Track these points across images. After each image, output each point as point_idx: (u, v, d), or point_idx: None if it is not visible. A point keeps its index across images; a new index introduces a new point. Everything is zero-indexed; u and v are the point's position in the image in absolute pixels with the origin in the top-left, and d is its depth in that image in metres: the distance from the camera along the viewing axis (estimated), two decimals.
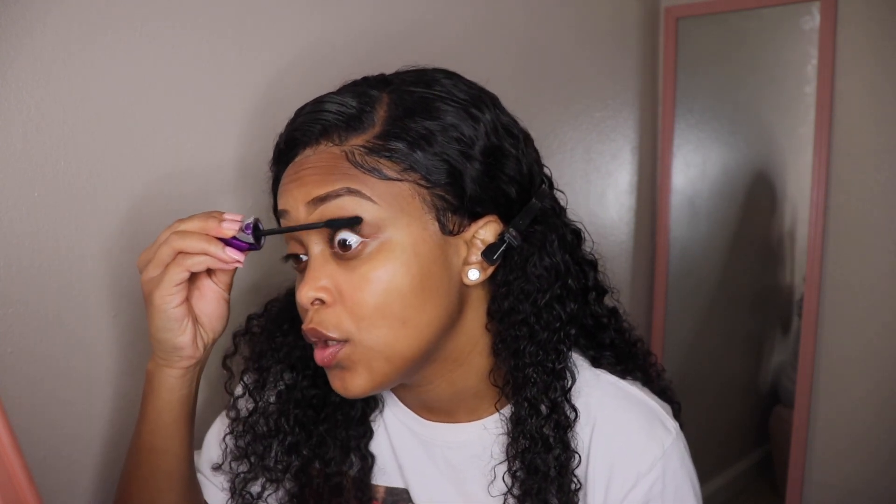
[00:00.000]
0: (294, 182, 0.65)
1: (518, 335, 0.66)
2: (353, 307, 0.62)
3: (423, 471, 0.75)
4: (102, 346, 0.84)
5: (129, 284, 0.86)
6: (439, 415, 0.74)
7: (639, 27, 1.73)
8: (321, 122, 0.65)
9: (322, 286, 0.62)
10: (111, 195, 0.83)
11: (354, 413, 0.76)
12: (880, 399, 1.56)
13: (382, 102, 0.65)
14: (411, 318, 0.62)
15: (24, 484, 0.59)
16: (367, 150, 0.62)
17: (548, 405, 0.66)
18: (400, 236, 0.62)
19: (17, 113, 0.74)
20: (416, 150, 0.62)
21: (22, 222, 0.76)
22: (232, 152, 0.94)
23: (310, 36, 1.01)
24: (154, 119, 0.86)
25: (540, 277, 0.66)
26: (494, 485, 0.70)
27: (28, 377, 0.78)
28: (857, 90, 1.54)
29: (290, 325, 0.75)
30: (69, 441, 0.83)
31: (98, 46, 0.80)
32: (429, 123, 0.63)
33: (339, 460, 0.75)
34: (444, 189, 0.63)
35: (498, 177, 0.65)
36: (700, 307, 1.89)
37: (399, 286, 0.61)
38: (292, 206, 0.65)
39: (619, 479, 0.67)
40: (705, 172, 1.84)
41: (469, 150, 0.63)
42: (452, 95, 0.65)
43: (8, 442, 0.60)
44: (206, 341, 0.68)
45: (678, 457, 0.68)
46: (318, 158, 0.64)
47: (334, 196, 0.62)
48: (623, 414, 0.69)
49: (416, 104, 0.64)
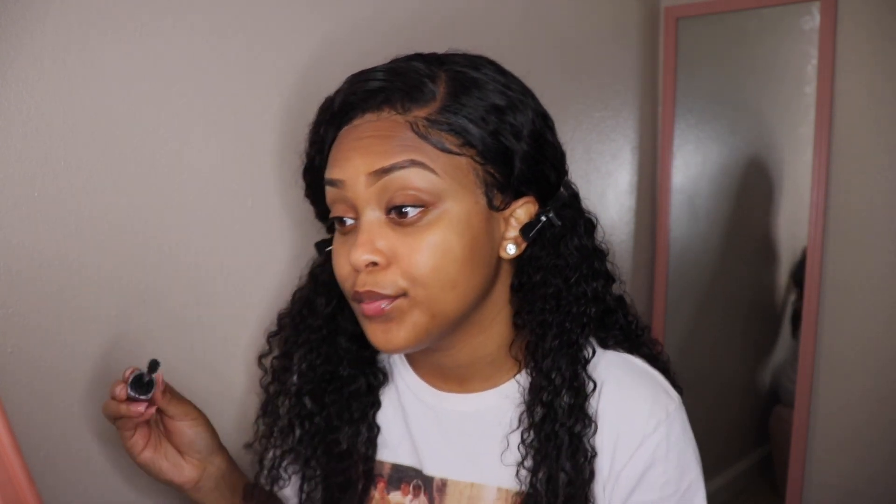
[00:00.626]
0: (355, 150, 0.66)
1: (546, 308, 0.70)
2: (408, 268, 0.65)
3: (436, 441, 0.77)
4: (102, 346, 0.84)
5: (129, 284, 0.86)
6: (452, 384, 0.77)
7: (639, 27, 1.73)
8: (385, 90, 0.66)
9: (378, 249, 0.65)
10: (111, 195, 0.83)
11: (360, 386, 0.79)
12: (880, 399, 1.56)
13: (441, 79, 0.67)
14: (460, 282, 0.66)
15: (24, 484, 0.59)
16: (429, 122, 0.65)
17: (567, 376, 0.70)
18: (456, 207, 0.65)
19: (17, 113, 0.74)
20: (475, 127, 0.65)
21: (22, 222, 0.76)
22: (231, 152, 0.94)
23: (308, 36, 1.01)
24: (154, 119, 0.86)
25: (570, 256, 0.71)
26: (507, 453, 0.73)
27: (28, 377, 0.78)
28: (857, 90, 1.54)
29: (308, 309, 0.79)
30: (69, 441, 0.83)
31: (98, 46, 0.80)
32: (485, 104, 0.66)
33: (348, 430, 0.78)
34: (495, 167, 0.67)
35: (541, 160, 0.70)
36: (700, 307, 1.89)
37: (454, 252, 0.65)
38: (351, 175, 0.66)
39: (625, 442, 0.71)
40: (705, 172, 1.84)
41: (519, 132, 0.67)
42: (502, 81, 0.69)
43: (8, 442, 0.60)
44: (195, 463, 0.77)
45: (681, 424, 0.72)
46: (382, 125, 0.65)
47: (399, 167, 0.64)
48: (628, 382, 0.73)
49: (472, 84, 0.67)
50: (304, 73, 1.00)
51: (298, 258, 1.04)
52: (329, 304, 0.78)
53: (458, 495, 0.75)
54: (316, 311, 0.78)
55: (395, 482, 0.78)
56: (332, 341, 0.78)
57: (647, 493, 0.71)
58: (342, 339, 0.79)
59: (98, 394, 0.84)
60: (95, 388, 0.84)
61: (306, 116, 1.00)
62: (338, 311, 0.78)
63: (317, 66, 1.01)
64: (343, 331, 0.79)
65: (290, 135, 0.99)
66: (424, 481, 0.77)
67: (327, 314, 0.78)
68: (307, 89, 1.00)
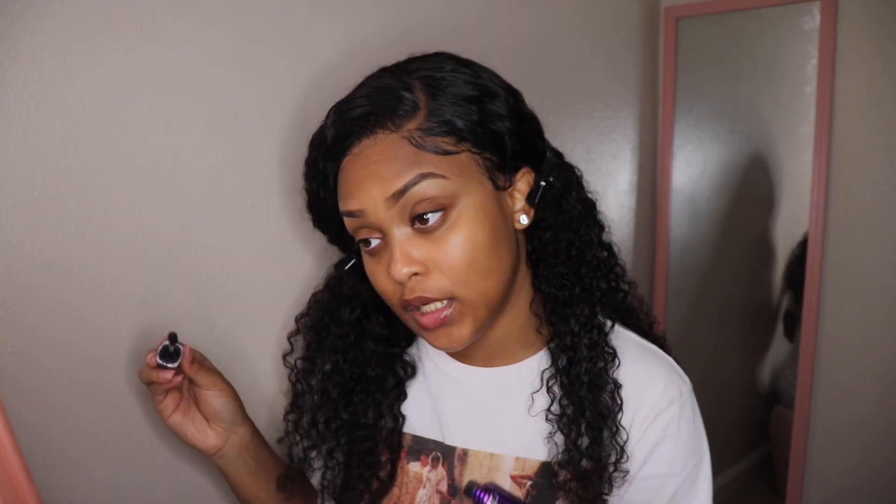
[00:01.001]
0: (367, 179, 0.68)
1: (559, 260, 0.75)
2: (448, 270, 0.69)
3: (459, 413, 0.80)
4: (102, 346, 0.84)
5: (129, 284, 0.86)
6: (479, 360, 0.80)
7: (639, 27, 1.73)
8: (373, 113, 0.68)
9: (415, 260, 0.69)
10: (111, 195, 0.83)
11: (388, 384, 0.83)
12: (880, 399, 1.56)
13: (417, 87, 0.69)
14: (495, 266, 0.70)
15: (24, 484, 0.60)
16: (422, 131, 0.68)
17: (583, 319, 0.74)
18: (471, 201, 0.69)
19: (17, 113, 0.74)
20: (462, 122, 0.69)
21: (22, 222, 0.76)
22: (231, 152, 0.94)
23: (308, 36, 1.01)
24: (154, 119, 0.86)
25: (574, 209, 0.76)
26: (529, 424, 0.77)
27: (28, 377, 0.78)
28: (857, 90, 1.54)
29: (330, 318, 0.83)
30: (69, 441, 0.83)
31: (98, 46, 0.80)
32: (463, 98, 0.69)
33: (374, 422, 0.82)
34: (490, 152, 0.70)
35: (526, 133, 0.74)
36: (700, 306, 1.89)
37: (481, 242, 0.69)
38: (369, 204, 0.68)
39: (640, 416, 0.74)
40: (705, 172, 1.84)
41: (500, 114, 0.71)
42: (468, 72, 0.71)
43: (8, 442, 0.60)
44: (220, 432, 0.81)
45: (692, 407, 0.76)
46: (383, 148, 0.68)
47: (412, 185, 0.67)
48: (644, 362, 0.77)
49: (445, 84, 0.70)
50: (304, 72, 1.00)
51: (298, 258, 1.04)
52: (353, 312, 0.82)
53: (478, 465, 0.78)
54: (340, 320, 0.82)
55: (416, 453, 0.82)
56: (358, 346, 0.82)
57: (657, 468, 0.74)
58: (369, 342, 0.82)
59: (98, 394, 0.85)
60: (95, 389, 0.84)
61: (306, 116, 1.00)
62: (363, 318, 0.82)
63: (317, 66, 1.01)
64: (370, 334, 0.82)
65: (290, 135, 0.99)
66: (445, 452, 0.80)
67: (353, 320, 0.82)
68: (307, 89, 1.00)
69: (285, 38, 0.98)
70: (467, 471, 0.78)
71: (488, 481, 0.77)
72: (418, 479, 0.81)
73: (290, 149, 0.99)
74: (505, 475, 0.77)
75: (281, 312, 1.02)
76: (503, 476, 0.77)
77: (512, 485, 0.76)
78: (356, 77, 0.74)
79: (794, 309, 1.72)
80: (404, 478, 0.81)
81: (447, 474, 0.79)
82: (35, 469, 0.63)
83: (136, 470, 0.89)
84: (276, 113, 0.98)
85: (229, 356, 0.98)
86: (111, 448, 0.86)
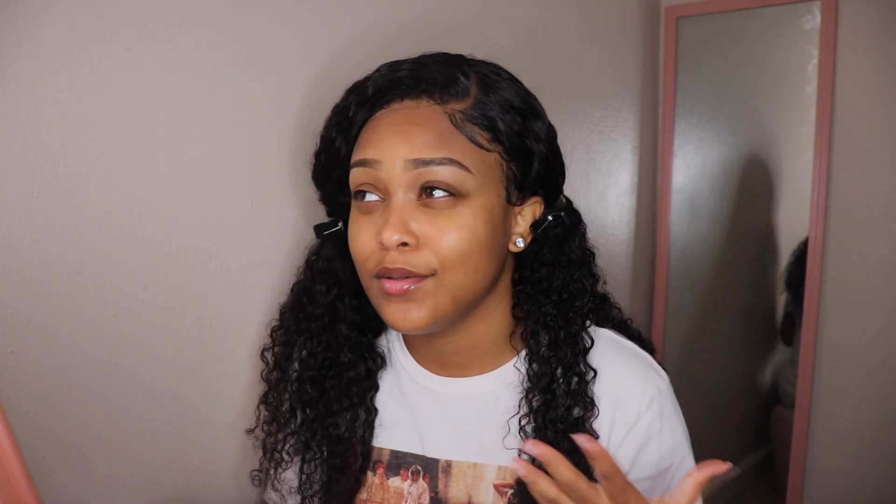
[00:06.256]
0: (396, 134, 0.68)
1: (549, 300, 0.75)
2: (439, 249, 0.68)
3: (438, 424, 0.79)
4: (101, 346, 0.84)
5: (129, 284, 0.86)
6: (451, 369, 0.79)
7: (639, 27, 1.73)
8: (424, 80, 0.69)
9: (410, 231, 0.68)
10: (111, 195, 0.83)
11: (359, 371, 0.81)
12: (880, 399, 1.56)
13: (472, 78, 0.71)
14: (481, 267, 0.70)
15: (23, 484, 0.59)
16: (465, 115, 0.69)
17: (568, 364, 0.73)
18: (483, 198, 0.69)
19: (17, 113, 0.74)
20: (503, 125, 0.70)
21: (22, 222, 0.76)
22: (231, 152, 0.94)
23: (308, 36, 1.01)
24: (154, 119, 0.86)
25: (573, 253, 0.77)
26: (509, 437, 0.75)
27: (27, 377, 0.78)
28: (858, 90, 1.54)
29: (307, 297, 0.82)
30: (69, 441, 0.83)
31: (98, 46, 0.80)
32: (510, 105, 0.71)
33: (347, 414, 0.81)
34: (517, 165, 0.72)
35: (554, 165, 0.75)
36: (700, 307, 1.89)
37: (479, 238, 0.69)
38: (389, 157, 0.68)
39: (621, 420, 0.74)
40: (706, 172, 1.83)
41: (539, 136, 0.72)
42: (519, 88, 0.73)
43: (8, 442, 0.60)
44: None
45: (671, 401, 0.77)
46: (423, 113, 0.68)
47: (437, 163, 0.67)
48: (620, 361, 0.77)
49: (500, 86, 0.71)
50: (305, 72, 1.00)
51: (298, 258, 1.04)
52: (329, 292, 0.81)
53: (462, 476, 0.78)
54: (315, 299, 0.81)
55: (394, 468, 0.80)
56: (332, 329, 0.81)
57: (644, 471, 0.74)
58: (342, 326, 0.81)
59: (97, 394, 0.85)
60: (95, 389, 0.84)
61: (306, 116, 1.00)
62: (337, 300, 0.81)
63: (317, 66, 1.01)
64: (343, 318, 0.81)
65: (290, 135, 0.99)
66: (426, 465, 0.79)
67: (328, 302, 0.80)
68: (308, 89, 1.00)
69: (286, 39, 0.98)
70: (452, 482, 0.78)
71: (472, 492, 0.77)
72: (399, 494, 0.80)
73: (291, 149, 0.99)
74: (488, 485, 0.76)
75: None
76: (486, 486, 0.76)
77: (494, 494, 0.76)
78: (356, 77, 0.74)
79: (793, 309, 1.72)
80: (385, 493, 0.80)
81: (429, 487, 0.79)
82: (35, 469, 0.63)
83: (136, 470, 0.89)
84: (276, 113, 0.98)
85: (229, 356, 0.98)
86: (111, 448, 0.86)
